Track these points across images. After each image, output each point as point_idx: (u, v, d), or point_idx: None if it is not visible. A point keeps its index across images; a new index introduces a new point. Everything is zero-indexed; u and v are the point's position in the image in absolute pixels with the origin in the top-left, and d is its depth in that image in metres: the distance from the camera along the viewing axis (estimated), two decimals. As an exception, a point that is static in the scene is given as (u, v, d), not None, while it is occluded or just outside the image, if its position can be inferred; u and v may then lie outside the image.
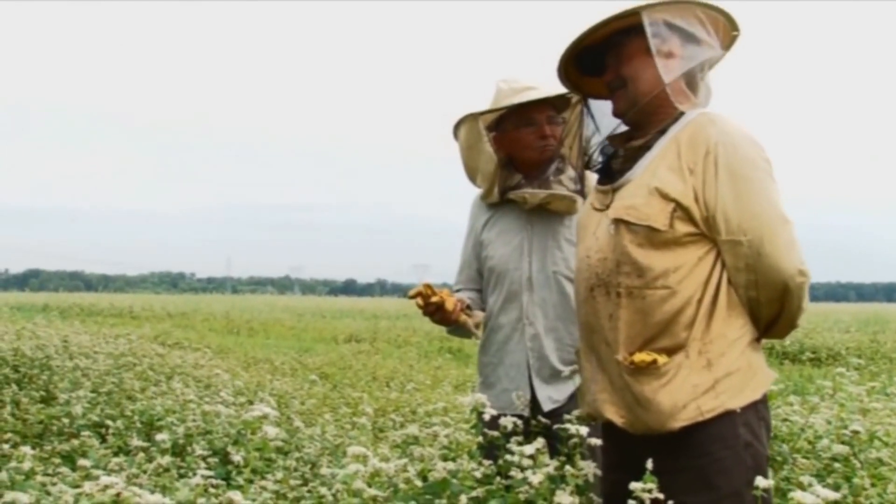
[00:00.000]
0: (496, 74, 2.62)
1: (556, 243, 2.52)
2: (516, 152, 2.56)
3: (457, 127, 2.59)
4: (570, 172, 2.53)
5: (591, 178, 2.34)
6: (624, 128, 2.00)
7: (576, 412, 2.06)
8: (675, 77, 1.85)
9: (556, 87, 2.47)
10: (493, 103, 2.55)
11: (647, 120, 1.90)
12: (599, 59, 1.95)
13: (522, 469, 1.83)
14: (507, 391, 2.51)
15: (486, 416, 2.01)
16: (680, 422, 1.75)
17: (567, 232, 2.52)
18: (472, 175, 2.63)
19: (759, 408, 1.81)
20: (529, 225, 2.56)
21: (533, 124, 2.51)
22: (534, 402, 2.48)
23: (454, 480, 1.80)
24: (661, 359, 1.77)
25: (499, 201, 2.61)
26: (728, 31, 1.91)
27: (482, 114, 2.53)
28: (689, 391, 1.75)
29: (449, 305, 2.38)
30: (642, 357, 1.78)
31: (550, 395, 2.47)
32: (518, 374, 2.52)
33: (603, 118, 2.05)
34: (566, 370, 2.46)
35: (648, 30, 1.82)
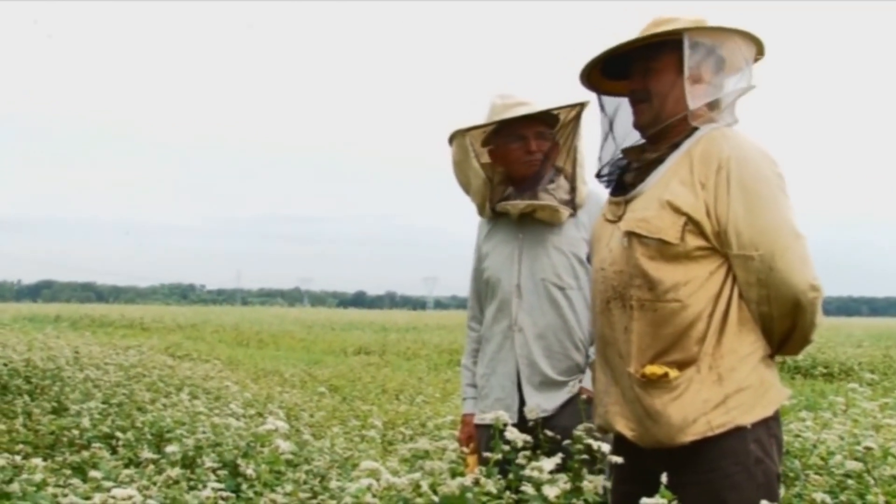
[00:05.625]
0: (509, 83, 2.66)
1: (545, 251, 2.54)
2: (507, 166, 2.60)
3: (449, 142, 2.62)
4: (564, 183, 2.55)
5: (601, 192, 2.35)
6: (635, 138, 2.00)
7: (583, 425, 2.05)
8: (700, 105, 1.85)
9: (548, 103, 2.51)
10: (486, 119, 2.58)
11: (663, 134, 1.91)
12: (623, 64, 1.95)
13: (533, 482, 1.82)
14: (500, 401, 2.51)
15: (482, 429, 2.01)
16: (689, 436, 1.75)
17: (556, 240, 2.53)
18: (465, 190, 2.67)
19: (771, 424, 1.80)
20: (521, 234, 2.58)
21: (521, 139, 2.54)
22: (523, 411, 2.47)
23: (469, 495, 1.79)
24: (673, 372, 1.77)
25: (492, 215, 2.64)
26: (754, 55, 1.92)
27: (468, 130, 2.57)
28: (699, 406, 1.75)
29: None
30: (653, 370, 1.78)
31: (539, 404, 2.46)
32: (509, 382, 2.53)
33: (616, 122, 2.05)
34: (561, 379, 2.47)
35: (686, 53, 1.82)
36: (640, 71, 1.92)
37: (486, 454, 2.05)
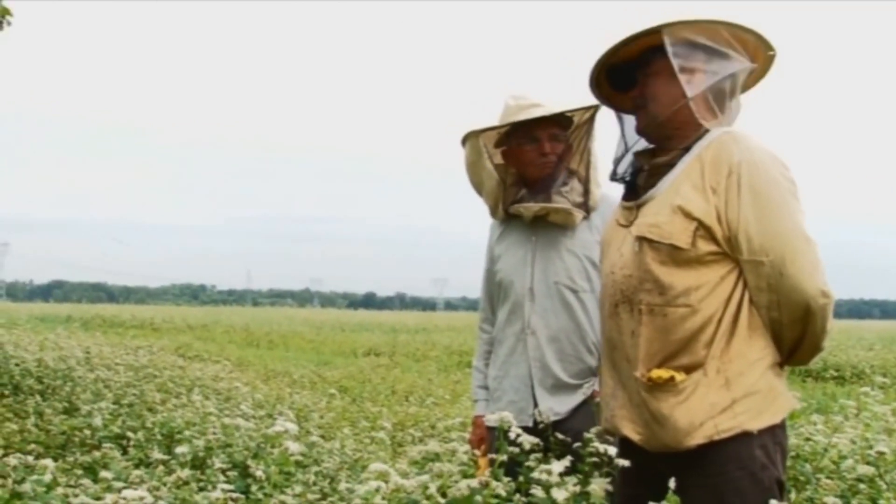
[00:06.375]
0: (509, 84, 2.65)
1: (558, 254, 2.53)
2: (520, 168, 2.58)
3: (462, 143, 2.62)
4: (577, 186, 2.54)
5: (614, 196, 2.34)
6: (645, 143, 2.00)
7: (594, 429, 2.05)
8: (700, 91, 1.84)
9: (563, 104, 2.49)
10: (500, 120, 2.57)
11: (670, 136, 1.90)
12: (631, 75, 1.95)
13: (542, 485, 1.82)
14: (513, 403, 2.51)
15: (494, 431, 2.01)
16: (696, 439, 1.75)
17: (569, 243, 2.53)
18: (477, 191, 2.66)
19: (777, 433, 1.80)
20: (534, 236, 2.57)
21: (535, 141, 2.52)
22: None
23: (478, 498, 1.79)
24: (679, 376, 1.77)
25: (505, 217, 2.64)
26: (762, 51, 1.91)
27: (482, 131, 2.56)
28: (706, 409, 1.75)
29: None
30: (660, 374, 1.78)
31: (552, 407, 2.46)
32: (522, 385, 2.52)
33: (631, 134, 2.05)
34: (573, 382, 2.46)
35: (669, 49, 1.83)
36: (641, 79, 1.93)
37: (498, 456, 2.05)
